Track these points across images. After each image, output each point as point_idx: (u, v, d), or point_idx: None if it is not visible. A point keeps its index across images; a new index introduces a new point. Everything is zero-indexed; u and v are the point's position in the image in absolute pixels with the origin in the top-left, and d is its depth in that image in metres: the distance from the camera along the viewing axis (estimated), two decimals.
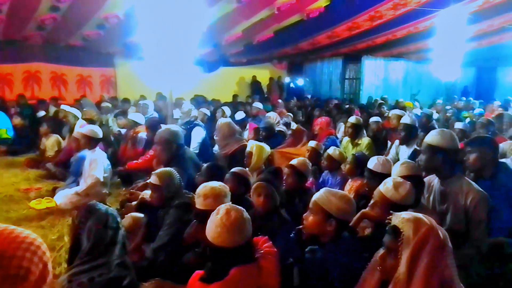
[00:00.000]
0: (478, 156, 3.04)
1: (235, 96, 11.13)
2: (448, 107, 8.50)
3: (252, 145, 4.06)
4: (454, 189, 2.63)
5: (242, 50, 9.96)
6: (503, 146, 4.32)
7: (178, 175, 2.88)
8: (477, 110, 8.20)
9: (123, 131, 6.61)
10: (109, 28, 8.05)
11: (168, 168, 2.95)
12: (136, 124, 5.95)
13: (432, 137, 2.68)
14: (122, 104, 9.08)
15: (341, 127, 6.42)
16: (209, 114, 7.09)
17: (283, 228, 2.69)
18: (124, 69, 10.84)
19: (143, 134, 5.68)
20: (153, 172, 2.84)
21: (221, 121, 5.18)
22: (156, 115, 7.34)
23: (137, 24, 5.82)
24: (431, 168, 2.71)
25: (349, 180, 3.61)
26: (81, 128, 5.00)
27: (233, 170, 3.04)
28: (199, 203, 2.36)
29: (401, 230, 1.57)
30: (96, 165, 4.20)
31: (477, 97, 13.66)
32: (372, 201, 2.44)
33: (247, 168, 3.90)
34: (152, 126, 5.28)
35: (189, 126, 6.15)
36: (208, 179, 2.83)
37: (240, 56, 11.14)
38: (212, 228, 1.81)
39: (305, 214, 2.25)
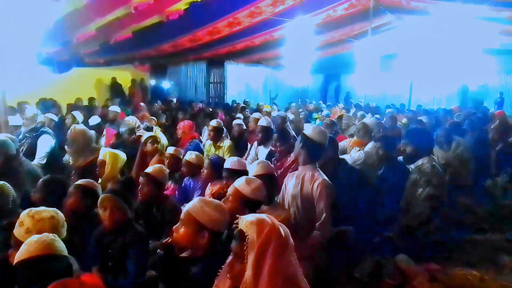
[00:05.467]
0: None
1: (91, 99, 10.21)
2: (300, 110, 9.31)
3: (104, 153, 3.72)
4: (307, 175, 2.89)
5: (98, 49, 9.18)
6: (343, 143, 4.89)
7: (5, 192, 2.43)
8: (324, 112, 9.18)
9: None
10: None
11: None
12: None
13: (307, 129, 3.05)
14: None
15: (206, 130, 6.45)
16: (56, 119, 6.30)
17: (138, 242, 2.51)
18: None
19: None
20: None
21: (74, 128, 4.52)
22: None
23: None
24: (296, 151, 3.04)
25: (209, 184, 3.61)
26: None
27: (77, 182, 2.72)
28: (19, 234, 2.02)
29: (246, 234, 1.58)
30: None
31: (325, 100, 15.41)
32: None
33: (99, 180, 3.58)
34: None
35: (35, 133, 5.39)
36: (45, 195, 2.47)
37: (96, 56, 10.25)
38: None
39: (175, 226, 2.05)
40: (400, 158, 4.04)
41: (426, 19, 8.03)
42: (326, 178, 2.86)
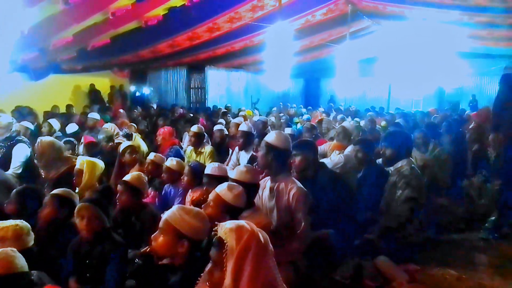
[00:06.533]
0: (302, 158, 3.38)
1: (69, 107, 10.00)
2: (281, 114, 9.36)
3: (81, 162, 3.64)
4: (281, 185, 2.84)
5: (76, 56, 9.03)
6: (323, 147, 4.93)
7: None
8: (305, 116, 9.24)
9: None
10: None
11: None
12: None
13: (269, 136, 2.89)
14: None
15: (186, 136, 6.41)
16: (32, 128, 6.14)
17: (116, 251, 2.46)
18: None
19: None
20: None
21: (41, 141, 4.29)
22: None
23: None
24: (264, 163, 2.89)
25: (190, 191, 3.57)
26: None
27: (54, 192, 2.65)
28: None
29: (225, 241, 1.57)
30: None
31: (306, 104, 15.52)
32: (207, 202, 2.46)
33: (77, 189, 3.51)
34: None
35: (10, 142, 5.25)
36: (19, 206, 2.40)
37: (74, 62, 10.07)
38: None
39: (153, 235, 2.01)
40: (379, 160, 4.11)
41: (403, 24, 8.21)
42: (300, 185, 2.82)
